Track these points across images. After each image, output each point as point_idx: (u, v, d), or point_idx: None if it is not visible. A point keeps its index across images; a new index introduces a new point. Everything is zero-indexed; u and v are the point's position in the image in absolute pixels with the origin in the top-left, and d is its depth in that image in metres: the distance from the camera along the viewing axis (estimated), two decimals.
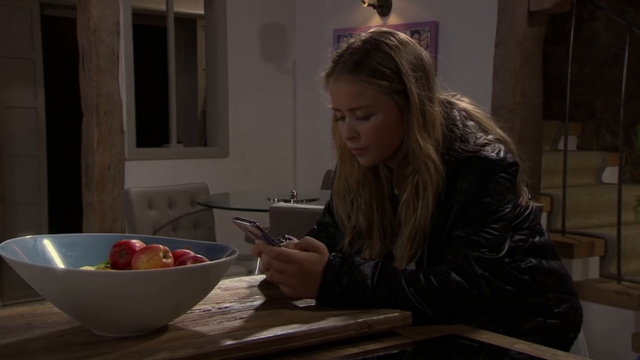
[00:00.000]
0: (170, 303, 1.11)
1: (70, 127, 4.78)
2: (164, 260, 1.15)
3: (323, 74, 1.39)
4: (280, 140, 4.95)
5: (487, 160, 1.34)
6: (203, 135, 5.43)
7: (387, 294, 1.28)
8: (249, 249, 1.41)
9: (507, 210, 1.35)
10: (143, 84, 5.12)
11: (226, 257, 1.18)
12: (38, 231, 4.99)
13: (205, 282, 1.14)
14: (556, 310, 1.45)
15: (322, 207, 1.71)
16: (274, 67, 4.90)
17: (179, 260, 1.18)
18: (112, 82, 3.82)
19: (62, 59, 5.53)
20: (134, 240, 1.20)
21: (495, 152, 1.36)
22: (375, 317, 1.24)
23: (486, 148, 1.37)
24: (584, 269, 3.54)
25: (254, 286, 1.46)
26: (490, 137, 1.40)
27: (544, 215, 3.67)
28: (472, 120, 1.43)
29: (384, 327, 1.24)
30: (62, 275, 1.07)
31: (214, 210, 3.65)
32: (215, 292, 1.39)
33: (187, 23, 6.12)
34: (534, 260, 1.44)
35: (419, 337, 1.24)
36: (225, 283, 1.47)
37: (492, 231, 1.33)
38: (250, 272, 3.26)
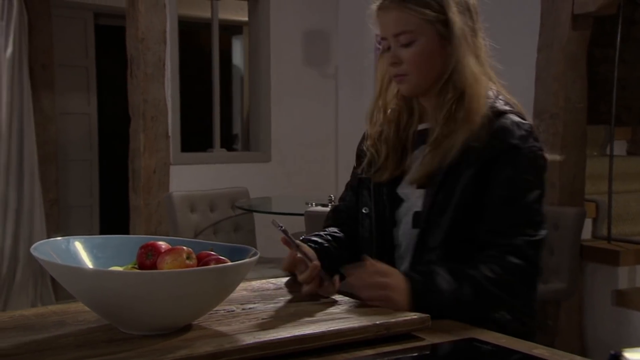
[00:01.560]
0: (192, 303, 1.15)
1: (120, 132, 4.92)
2: (187, 261, 1.19)
3: (374, 6, 1.48)
4: (322, 144, 4.99)
5: (531, 152, 1.42)
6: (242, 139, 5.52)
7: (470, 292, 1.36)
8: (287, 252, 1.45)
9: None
10: (192, 89, 5.25)
11: (247, 259, 1.22)
12: (90, 233, 5.16)
13: (226, 282, 1.18)
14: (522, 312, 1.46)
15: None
16: (316, 72, 4.94)
17: (202, 261, 1.23)
18: (158, 88, 3.92)
19: (113, 67, 5.69)
20: (160, 242, 1.25)
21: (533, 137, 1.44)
22: (393, 320, 1.25)
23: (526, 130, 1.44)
24: (630, 277, 3.46)
25: (280, 288, 1.49)
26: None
27: (588, 221, 3.61)
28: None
29: (401, 329, 1.25)
30: (89, 275, 1.13)
31: (255, 213, 3.71)
32: (241, 293, 1.43)
33: (235, 29, 6.24)
34: None
35: (436, 340, 1.25)
36: (252, 284, 1.51)
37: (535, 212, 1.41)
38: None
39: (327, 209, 2.83)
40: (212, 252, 1.26)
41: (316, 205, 3.19)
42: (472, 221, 1.41)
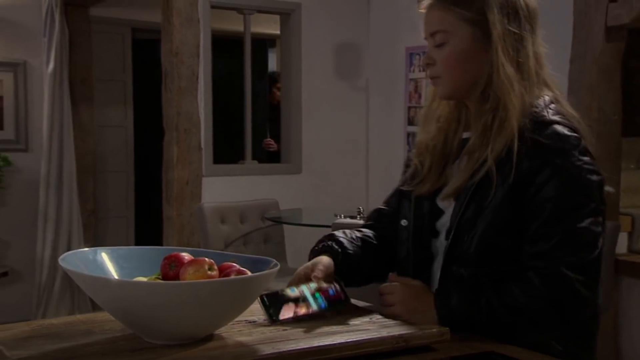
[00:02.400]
0: (212, 313, 1.17)
1: (156, 144, 5.02)
2: (209, 272, 1.22)
3: (420, 6, 1.45)
4: (353, 157, 5.01)
5: (575, 167, 1.32)
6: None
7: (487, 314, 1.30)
8: None
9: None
10: (225, 102, 5.32)
11: (268, 270, 1.24)
12: (125, 243, 5.25)
13: (246, 293, 1.21)
14: None
15: None
16: (347, 84, 4.98)
17: (223, 272, 1.25)
18: (192, 101, 4.00)
19: (149, 80, 5.82)
20: (183, 254, 1.28)
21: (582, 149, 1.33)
22: (411, 332, 1.26)
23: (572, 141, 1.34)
24: None
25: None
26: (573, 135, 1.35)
27: (623, 235, 3.54)
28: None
29: (420, 342, 1.26)
30: (114, 285, 1.16)
31: (284, 225, 3.74)
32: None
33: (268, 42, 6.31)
34: None
35: (455, 353, 1.25)
36: None
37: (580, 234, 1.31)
38: None
39: (356, 220, 2.84)
40: (234, 264, 1.29)
41: (345, 217, 3.21)
42: (507, 240, 1.33)
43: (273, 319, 1.29)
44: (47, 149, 4.62)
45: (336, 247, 1.50)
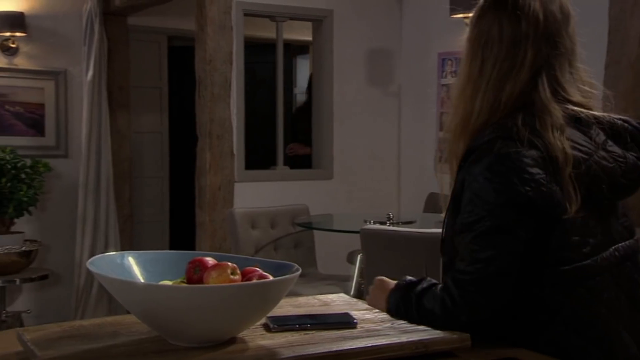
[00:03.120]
0: (234, 316, 1.20)
1: (190, 150, 5.09)
2: (232, 276, 1.25)
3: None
4: (384, 163, 5.01)
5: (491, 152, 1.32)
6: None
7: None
8: (349, 270, 1.52)
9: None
10: (257, 108, 5.38)
11: (289, 275, 1.26)
12: (160, 248, 5.34)
13: (267, 297, 1.23)
14: None
15: (417, 230, 1.77)
16: (379, 90, 4.98)
17: (246, 277, 1.28)
18: (224, 108, 4.05)
19: (184, 87, 5.91)
20: (207, 258, 1.31)
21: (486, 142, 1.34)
22: (432, 337, 1.27)
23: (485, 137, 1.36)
24: None
25: (327, 304, 1.53)
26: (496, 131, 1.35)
27: None
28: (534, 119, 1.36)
29: (440, 347, 1.27)
30: (139, 288, 1.20)
31: (315, 231, 3.77)
32: (286, 308, 1.47)
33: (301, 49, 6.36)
34: None
35: (476, 359, 1.26)
36: (298, 300, 1.55)
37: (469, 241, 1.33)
38: (346, 292, 3.33)
39: (382, 227, 2.85)
40: (257, 268, 1.31)
41: (374, 223, 3.22)
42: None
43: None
44: (85, 155, 4.73)
45: None
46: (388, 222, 3.23)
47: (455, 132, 1.41)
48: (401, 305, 1.39)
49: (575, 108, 1.36)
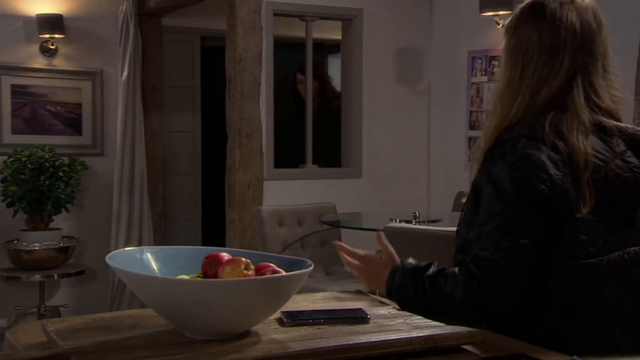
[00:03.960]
0: (246, 310, 1.23)
1: (222, 149, 5.15)
2: (245, 271, 1.28)
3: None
4: (414, 161, 5.00)
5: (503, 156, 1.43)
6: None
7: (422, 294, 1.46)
8: None
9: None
10: (287, 107, 5.41)
11: (302, 270, 1.29)
12: (193, 245, 5.41)
13: (279, 292, 1.26)
14: None
15: (438, 228, 1.83)
16: (408, 89, 4.98)
17: (259, 272, 1.31)
18: (254, 107, 4.10)
19: (216, 86, 5.98)
20: (223, 253, 1.34)
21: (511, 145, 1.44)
22: (441, 332, 1.28)
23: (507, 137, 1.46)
24: None
25: (342, 300, 1.56)
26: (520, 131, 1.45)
27: None
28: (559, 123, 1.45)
29: (450, 342, 1.28)
30: (152, 282, 1.24)
31: (342, 229, 3.78)
32: (303, 304, 1.50)
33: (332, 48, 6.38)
34: None
35: (485, 354, 1.27)
36: (314, 296, 1.58)
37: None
38: (372, 291, 3.35)
39: (406, 225, 2.86)
40: (271, 264, 1.34)
41: (400, 221, 3.23)
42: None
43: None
44: (120, 154, 4.83)
45: None
46: (414, 220, 3.24)
47: (493, 132, 1.50)
48: (410, 286, 1.47)
49: (601, 118, 1.45)
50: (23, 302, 4.63)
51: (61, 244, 4.50)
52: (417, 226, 2.83)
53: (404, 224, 2.93)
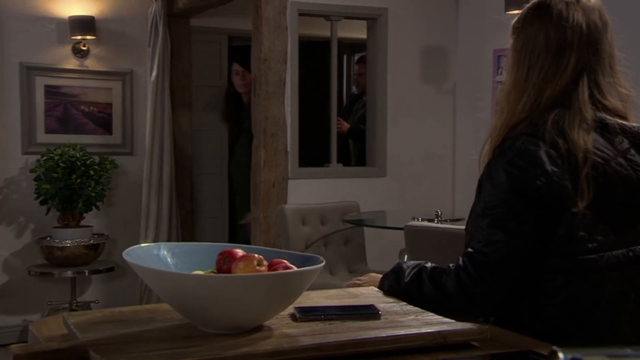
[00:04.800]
0: (258, 305, 1.26)
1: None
2: (258, 267, 1.31)
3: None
4: (439, 160, 4.99)
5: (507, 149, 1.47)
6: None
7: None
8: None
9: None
10: (312, 106, 5.43)
11: (310, 267, 1.31)
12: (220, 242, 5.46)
13: (290, 287, 1.29)
14: None
15: (458, 227, 1.86)
16: (433, 88, 4.97)
17: (271, 268, 1.34)
18: (279, 106, 4.13)
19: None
20: (237, 250, 1.38)
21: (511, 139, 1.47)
22: (450, 328, 1.30)
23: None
24: None
25: (356, 297, 1.58)
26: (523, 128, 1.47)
27: None
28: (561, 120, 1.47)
29: (459, 338, 1.30)
30: (166, 277, 1.27)
31: (366, 228, 3.80)
32: (317, 299, 1.53)
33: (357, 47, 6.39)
34: None
35: (494, 350, 1.28)
36: (329, 292, 1.61)
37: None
38: None
39: (426, 224, 2.86)
40: (284, 260, 1.37)
41: (422, 220, 3.23)
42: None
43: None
44: (149, 152, 4.91)
45: None
46: (436, 219, 3.24)
47: (500, 131, 1.53)
48: (407, 272, 1.54)
49: (605, 116, 1.47)
50: (55, 297, 4.73)
51: (92, 241, 4.59)
52: (437, 225, 2.83)
53: (423, 223, 2.94)
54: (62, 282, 4.73)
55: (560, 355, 0.78)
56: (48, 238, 4.56)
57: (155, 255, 1.40)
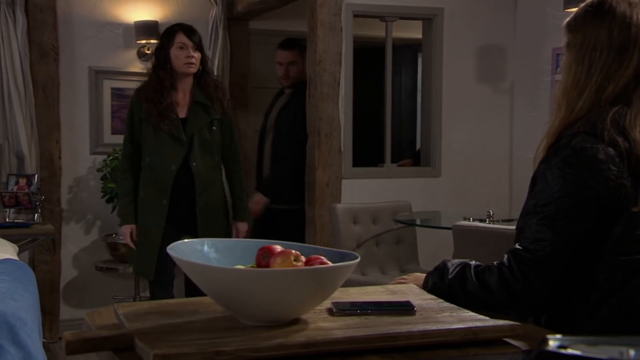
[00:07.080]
0: (294, 299, 1.31)
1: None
2: (294, 262, 1.37)
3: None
4: (496, 161, 4.93)
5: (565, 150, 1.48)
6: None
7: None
8: None
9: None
10: (367, 106, 5.45)
11: (344, 262, 1.36)
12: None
13: (324, 282, 1.33)
14: None
15: (506, 227, 1.88)
16: (489, 87, 4.91)
17: (308, 263, 1.39)
18: (333, 107, 4.19)
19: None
20: (275, 246, 1.43)
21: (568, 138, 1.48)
22: (481, 325, 1.32)
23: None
24: None
25: (394, 293, 1.61)
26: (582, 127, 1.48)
27: None
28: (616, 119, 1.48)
29: (490, 335, 1.32)
30: (207, 271, 1.34)
31: (418, 227, 3.80)
32: (356, 296, 1.57)
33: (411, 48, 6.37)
34: None
35: (526, 347, 1.29)
36: (366, 289, 1.65)
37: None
38: None
39: (475, 223, 2.85)
40: (321, 256, 1.42)
41: (473, 220, 3.21)
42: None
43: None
44: None
45: None
46: (487, 219, 3.22)
47: (557, 129, 1.53)
48: (452, 270, 1.56)
49: None
50: (121, 292, 4.91)
51: None
52: (486, 224, 2.82)
53: (472, 222, 2.93)
54: (127, 277, 4.91)
55: (551, 342, 0.81)
56: (114, 235, 4.74)
57: (199, 250, 1.46)
